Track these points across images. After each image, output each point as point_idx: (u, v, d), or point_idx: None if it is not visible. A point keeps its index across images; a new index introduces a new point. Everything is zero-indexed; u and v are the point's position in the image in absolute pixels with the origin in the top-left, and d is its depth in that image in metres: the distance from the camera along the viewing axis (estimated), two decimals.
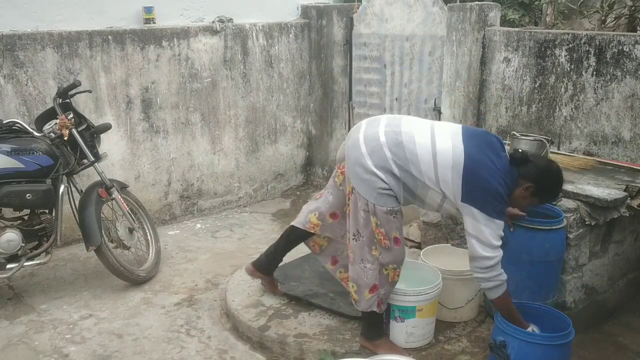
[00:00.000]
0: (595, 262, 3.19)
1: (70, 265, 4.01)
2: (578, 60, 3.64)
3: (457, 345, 2.96)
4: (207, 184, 4.97)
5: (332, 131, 5.60)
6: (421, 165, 2.49)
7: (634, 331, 3.25)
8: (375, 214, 2.55)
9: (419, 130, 2.56)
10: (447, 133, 2.54)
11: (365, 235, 2.62)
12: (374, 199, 2.53)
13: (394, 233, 2.60)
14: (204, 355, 2.98)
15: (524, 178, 2.52)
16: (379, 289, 2.69)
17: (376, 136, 2.55)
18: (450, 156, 2.47)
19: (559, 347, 2.43)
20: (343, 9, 5.33)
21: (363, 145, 2.55)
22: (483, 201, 2.44)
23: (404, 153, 2.50)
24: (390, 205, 2.55)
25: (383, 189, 2.52)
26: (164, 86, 4.54)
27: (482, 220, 2.44)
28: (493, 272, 2.48)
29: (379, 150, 2.51)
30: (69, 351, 3.03)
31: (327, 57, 5.39)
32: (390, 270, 2.68)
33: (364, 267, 2.66)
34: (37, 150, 3.31)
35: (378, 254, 2.64)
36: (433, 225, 3.76)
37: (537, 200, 2.61)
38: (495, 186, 2.44)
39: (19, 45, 3.87)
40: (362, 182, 2.53)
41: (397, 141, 2.52)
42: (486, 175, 2.45)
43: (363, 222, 2.59)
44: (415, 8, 4.60)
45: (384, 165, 2.50)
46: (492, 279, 2.49)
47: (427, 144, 2.50)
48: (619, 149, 3.55)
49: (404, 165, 2.50)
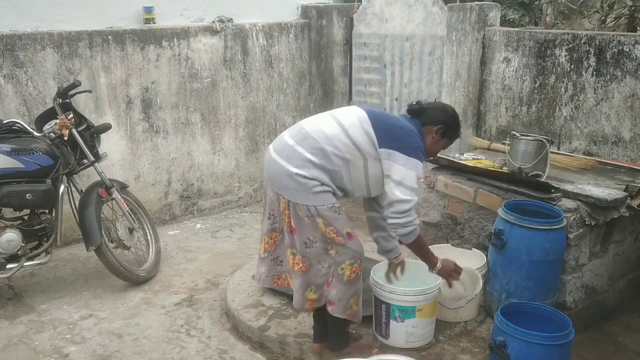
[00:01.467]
0: (595, 262, 3.19)
1: (70, 265, 4.01)
2: (578, 60, 3.64)
3: (457, 345, 2.97)
4: (207, 184, 4.97)
5: None
6: (334, 140, 2.50)
7: (634, 331, 3.25)
8: (320, 215, 2.50)
9: (321, 119, 2.62)
10: (347, 110, 2.65)
11: (318, 239, 2.55)
12: (313, 201, 2.49)
13: (345, 228, 2.56)
14: (204, 355, 2.98)
15: (430, 124, 2.63)
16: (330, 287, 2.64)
17: (284, 142, 2.57)
18: (355, 119, 2.54)
19: (559, 347, 2.42)
20: (343, 9, 5.33)
21: (277, 157, 2.54)
22: (398, 139, 2.50)
23: (314, 138, 2.52)
24: (330, 202, 2.52)
25: (315, 186, 2.48)
26: (164, 86, 4.54)
27: (400, 160, 2.47)
28: (409, 217, 2.50)
29: (292, 151, 2.52)
30: (69, 351, 3.03)
31: (327, 57, 5.39)
32: (346, 268, 2.60)
33: (321, 267, 2.61)
34: (37, 150, 3.31)
35: (334, 253, 2.58)
36: (433, 225, 3.76)
37: (447, 140, 2.70)
38: (405, 123, 2.57)
39: (19, 45, 3.87)
40: (293, 190, 2.50)
41: (303, 134, 2.55)
42: (392, 118, 2.66)
43: (311, 228, 2.53)
44: (415, 8, 4.60)
45: (303, 163, 2.49)
46: (408, 224, 2.51)
47: (332, 123, 2.56)
48: (619, 149, 3.55)
49: (318, 149, 2.50)
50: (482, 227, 3.41)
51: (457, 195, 3.52)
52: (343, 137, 2.51)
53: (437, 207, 3.70)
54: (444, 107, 2.80)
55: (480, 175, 3.45)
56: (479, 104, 4.24)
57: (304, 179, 2.48)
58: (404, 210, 2.48)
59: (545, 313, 2.68)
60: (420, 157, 2.53)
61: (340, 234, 2.55)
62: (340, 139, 2.51)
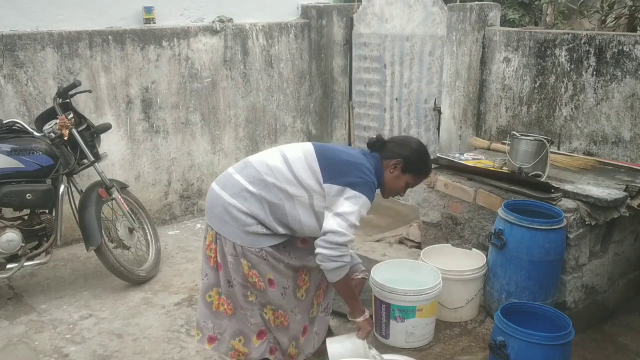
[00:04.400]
0: (595, 262, 3.19)
1: (70, 265, 4.01)
2: (578, 60, 3.64)
3: (457, 345, 2.97)
4: (207, 184, 4.96)
5: (332, 131, 5.60)
6: (275, 172, 2.35)
7: (634, 331, 3.25)
8: (245, 256, 2.33)
9: (267, 151, 2.50)
10: (294, 145, 2.49)
11: (237, 281, 2.39)
12: (241, 240, 2.32)
13: (267, 275, 2.37)
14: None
15: (389, 157, 2.48)
16: (266, 334, 2.48)
17: (224, 173, 2.47)
18: (300, 153, 2.40)
19: (558, 347, 2.43)
20: (343, 9, 5.33)
21: (216, 186, 2.43)
22: (344, 173, 2.32)
23: (254, 167, 2.38)
24: (260, 245, 2.33)
25: (248, 225, 2.31)
26: (164, 86, 4.54)
27: (345, 194, 2.29)
28: (339, 251, 2.25)
29: (230, 179, 2.39)
30: (69, 351, 3.03)
31: (327, 57, 5.39)
32: (268, 312, 2.45)
33: (244, 314, 2.44)
34: (37, 150, 3.31)
35: (254, 298, 2.42)
36: (433, 225, 3.76)
37: (411, 176, 2.51)
38: (352, 155, 2.41)
39: (19, 45, 3.87)
40: (224, 223, 2.34)
41: (245, 164, 2.43)
42: (340, 150, 2.46)
43: (233, 267, 2.37)
44: (415, 8, 4.60)
45: (239, 190, 2.34)
46: (337, 258, 2.26)
47: (276, 155, 2.43)
48: (619, 149, 3.55)
49: (258, 179, 2.34)
50: (482, 227, 3.41)
51: (457, 195, 3.52)
52: (285, 170, 2.35)
53: (437, 207, 3.70)
54: (405, 140, 2.59)
55: (480, 175, 3.45)
56: (479, 104, 4.24)
57: (239, 213, 2.31)
58: (336, 242, 2.24)
59: (545, 313, 2.68)
60: (369, 193, 2.33)
61: (263, 280, 2.37)
62: (282, 172, 2.35)
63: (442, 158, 3.71)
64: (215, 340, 2.52)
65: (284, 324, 2.49)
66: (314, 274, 2.55)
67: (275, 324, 2.48)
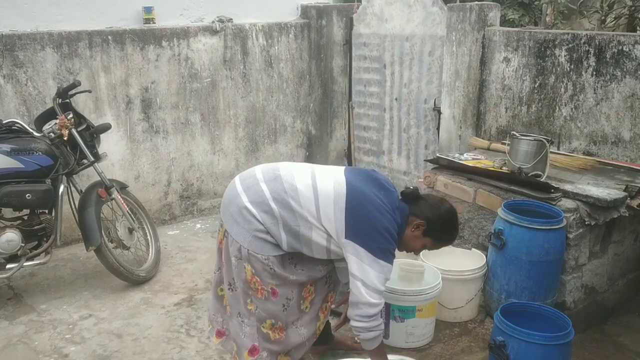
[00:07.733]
0: (595, 262, 3.19)
1: (70, 265, 4.01)
2: (578, 60, 3.64)
3: (457, 346, 2.97)
4: (207, 184, 4.97)
5: (332, 131, 5.60)
6: (301, 198, 2.26)
7: (634, 331, 3.25)
8: (249, 261, 2.28)
9: (298, 169, 2.38)
10: (328, 172, 2.38)
11: (239, 286, 2.34)
12: (248, 244, 2.27)
13: (270, 284, 2.32)
14: (204, 355, 2.98)
15: (415, 215, 2.37)
16: (260, 351, 2.40)
17: (252, 173, 2.38)
18: (331, 190, 2.28)
19: (558, 347, 2.43)
20: (343, 9, 5.33)
21: (239, 184, 2.36)
22: (369, 238, 2.23)
23: (282, 186, 2.29)
24: (267, 253, 2.28)
25: (259, 231, 2.26)
26: (164, 86, 4.54)
27: (367, 260, 2.22)
28: (375, 321, 2.28)
29: (255, 185, 2.31)
30: (69, 351, 3.03)
31: (327, 57, 5.39)
32: (267, 327, 2.38)
33: (241, 321, 2.40)
34: (36, 150, 3.30)
35: (254, 308, 2.36)
36: None
37: (431, 241, 2.44)
38: (381, 220, 2.25)
39: (18, 45, 3.86)
40: (235, 223, 2.30)
41: (275, 175, 2.33)
42: (371, 207, 2.25)
43: (235, 270, 2.31)
44: (415, 8, 4.60)
45: (260, 200, 2.27)
46: (374, 328, 2.29)
47: (307, 179, 2.32)
48: (618, 149, 3.55)
49: (282, 199, 2.26)
50: (482, 227, 3.41)
51: (457, 195, 3.52)
52: (310, 202, 2.27)
53: None
54: (438, 203, 2.45)
55: (480, 175, 3.45)
56: (479, 104, 4.24)
57: (250, 216, 2.27)
58: (370, 314, 2.25)
59: (545, 313, 2.68)
60: (390, 259, 2.28)
61: (266, 288, 2.32)
62: (307, 202, 2.27)
63: (442, 158, 3.71)
64: (223, 335, 2.54)
65: (282, 337, 2.43)
66: (319, 285, 2.51)
67: (274, 338, 2.41)
